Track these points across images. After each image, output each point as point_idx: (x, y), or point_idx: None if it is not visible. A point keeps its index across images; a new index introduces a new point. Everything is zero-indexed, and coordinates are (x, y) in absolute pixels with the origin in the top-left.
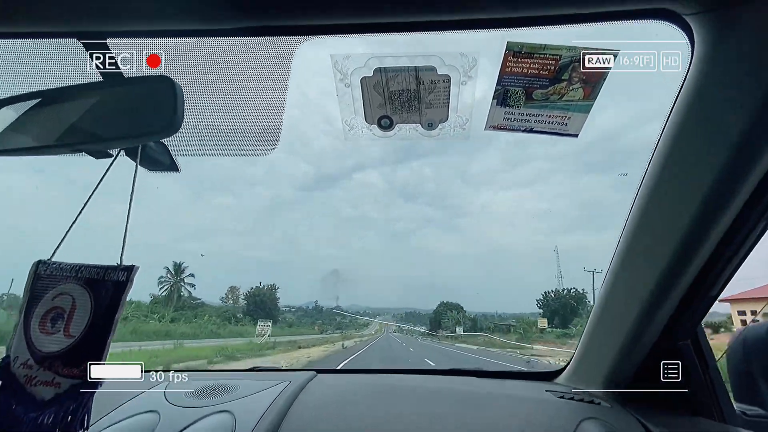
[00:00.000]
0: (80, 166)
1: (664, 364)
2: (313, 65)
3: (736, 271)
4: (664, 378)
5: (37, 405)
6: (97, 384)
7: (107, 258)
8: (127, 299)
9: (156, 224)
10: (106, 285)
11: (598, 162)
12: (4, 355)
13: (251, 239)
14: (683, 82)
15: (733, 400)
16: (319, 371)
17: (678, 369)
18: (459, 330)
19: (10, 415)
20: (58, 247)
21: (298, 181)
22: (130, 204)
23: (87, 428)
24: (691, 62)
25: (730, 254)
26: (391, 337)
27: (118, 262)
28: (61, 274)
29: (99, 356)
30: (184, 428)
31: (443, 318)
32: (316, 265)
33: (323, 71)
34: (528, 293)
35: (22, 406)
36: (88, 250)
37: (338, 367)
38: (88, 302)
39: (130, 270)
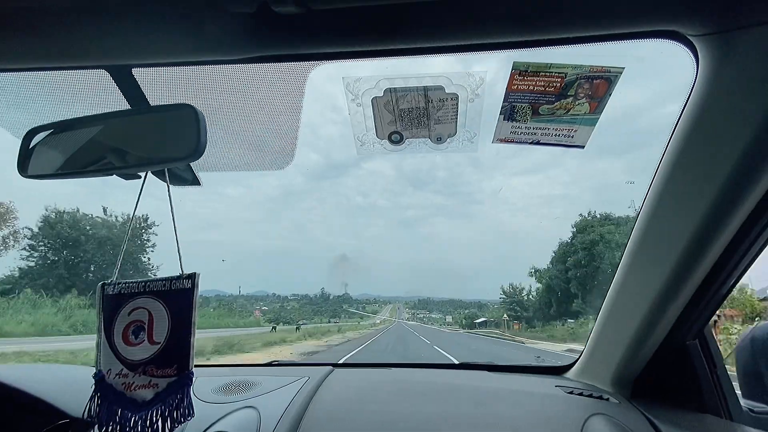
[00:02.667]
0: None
1: (671, 362)
2: (325, 84)
3: (743, 274)
4: (671, 376)
5: (140, 406)
6: (191, 377)
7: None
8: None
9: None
10: (175, 294)
11: (612, 144)
12: (96, 370)
13: (262, 228)
14: (688, 96)
15: (740, 398)
16: (335, 365)
17: (685, 368)
18: None
19: (120, 418)
20: (117, 267)
21: (308, 171)
22: (173, 221)
23: (192, 414)
24: (695, 79)
25: (738, 257)
26: (405, 333)
27: (180, 272)
28: (129, 291)
29: (187, 354)
30: (214, 423)
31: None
32: (326, 255)
33: (334, 77)
34: None
35: (128, 409)
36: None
37: (354, 362)
38: (164, 311)
39: (193, 277)
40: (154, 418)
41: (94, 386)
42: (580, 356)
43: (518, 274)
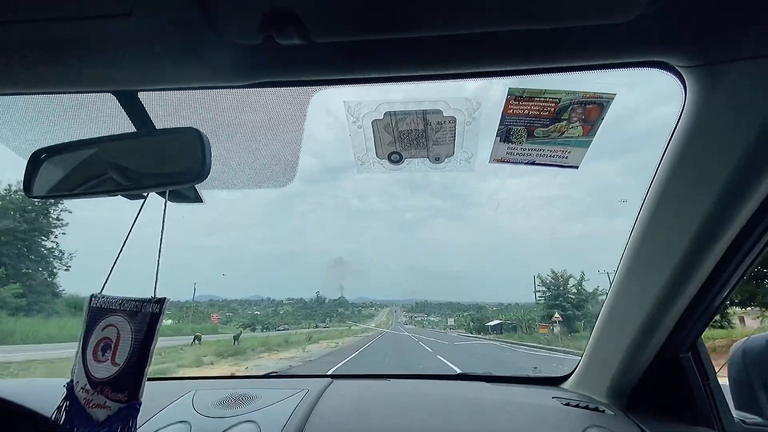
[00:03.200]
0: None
1: (665, 375)
2: (327, 102)
3: (734, 289)
4: (665, 388)
5: (93, 425)
6: (138, 408)
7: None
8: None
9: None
10: (144, 316)
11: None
12: (70, 378)
13: (258, 232)
14: (677, 123)
15: (732, 409)
16: (333, 377)
17: (679, 380)
18: None
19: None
20: (107, 280)
21: (305, 175)
22: (161, 241)
23: None
24: (683, 107)
25: (729, 273)
26: (407, 345)
27: (152, 296)
28: (108, 306)
29: (139, 382)
30: None
31: None
32: (324, 258)
33: (334, 97)
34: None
35: (83, 426)
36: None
37: (353, 374)
38: (130, 333)
39: (162, 302)
40: None
41: (64, 395)
42: (576, 367)
43: (516, 277)
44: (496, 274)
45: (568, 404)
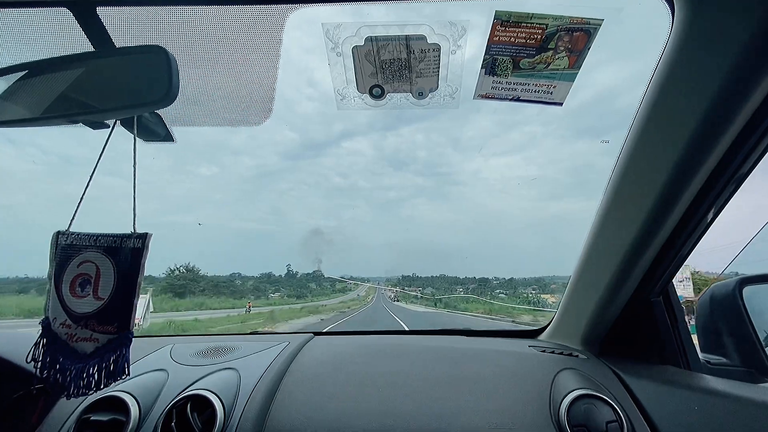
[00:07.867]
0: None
1: (637, 318)
2: (304, 32)
3: (704, 234)
4: (637, 331)
5: (80, 357)
6: (130, 337)
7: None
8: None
9: (131, 195)
10: (125, 252)
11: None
12: (43, 316)
13: (237, 210)
14: (663, 50)
15: (699, 351)
16: (316, 333)
17: (650, 323)
18: None
19: (59, 366)
20: (73, 217)
21: (284, 150)
22: (134, 174)
23: (128, 374)
24: (671, 30)
25: (699, 218)
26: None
27: (132, 231)
28: (80, 243)
29: (128, 314)
30: (192, 383)
31: None
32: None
33: (312, 34)
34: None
35: (68, 359)
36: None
37: (335, 330)
38: (111, 268)
39: (144, 237)
40: (92, 371)
41: (39, 332)
42: (552, 319)
43: (513, 251)
44: (492, 248)
45: (543, 351)
